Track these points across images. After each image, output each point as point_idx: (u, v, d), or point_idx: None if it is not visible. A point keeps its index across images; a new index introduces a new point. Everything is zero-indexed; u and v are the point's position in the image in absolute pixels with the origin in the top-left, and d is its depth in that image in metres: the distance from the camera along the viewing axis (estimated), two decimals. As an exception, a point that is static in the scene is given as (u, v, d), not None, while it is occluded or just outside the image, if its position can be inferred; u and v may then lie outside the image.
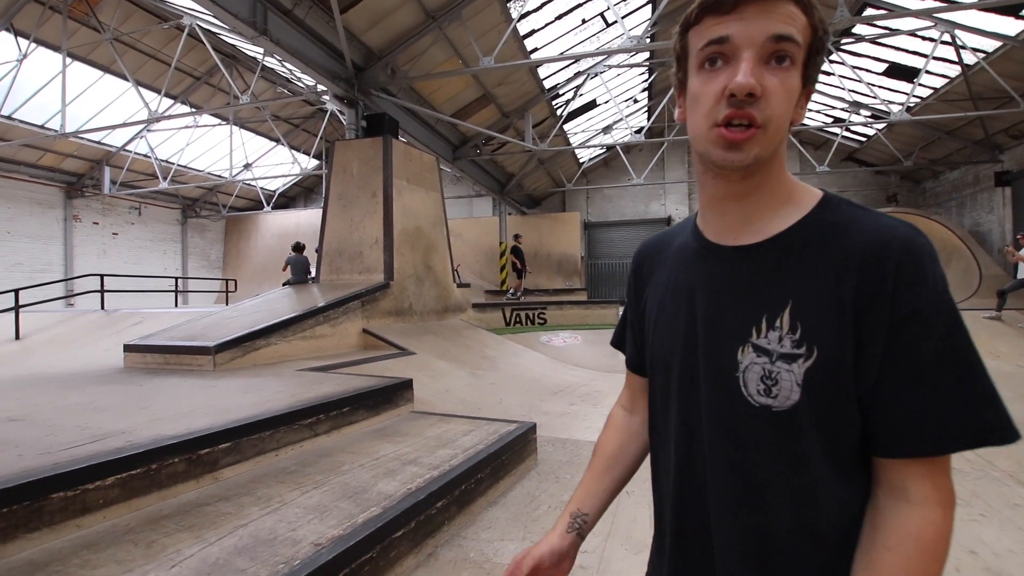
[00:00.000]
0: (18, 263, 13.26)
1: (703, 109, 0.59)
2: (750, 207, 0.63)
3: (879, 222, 0.57)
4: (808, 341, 0.56)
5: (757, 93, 0.55)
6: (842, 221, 0.59)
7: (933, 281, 0.55)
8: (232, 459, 2.34)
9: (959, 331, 0.55)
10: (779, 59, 0.57)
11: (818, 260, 0.58)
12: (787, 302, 0.58)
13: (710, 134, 0.59)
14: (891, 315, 0.54)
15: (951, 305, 0.55)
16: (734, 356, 0.61)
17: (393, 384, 3.54)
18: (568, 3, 9.81)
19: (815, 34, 0.59)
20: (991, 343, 6.70)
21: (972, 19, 8.70)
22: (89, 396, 3.16)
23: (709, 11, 0.58)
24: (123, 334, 6.86)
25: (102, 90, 11.85)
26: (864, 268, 0.55)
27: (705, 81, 0.59)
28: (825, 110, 14.64)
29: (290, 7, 6.69)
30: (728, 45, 0.57)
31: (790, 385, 0.57)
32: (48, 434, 2.25)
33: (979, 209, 13.14)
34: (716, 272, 0.65)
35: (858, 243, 0.57)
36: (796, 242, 0.60)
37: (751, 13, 0.56)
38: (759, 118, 0.56)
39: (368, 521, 1.87)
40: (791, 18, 0.56)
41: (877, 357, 0.55)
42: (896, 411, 0.55)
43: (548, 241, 17.25)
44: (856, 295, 0.55)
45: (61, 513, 1.74)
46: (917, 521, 0.54)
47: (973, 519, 2.37)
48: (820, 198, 0.63)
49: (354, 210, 7.09)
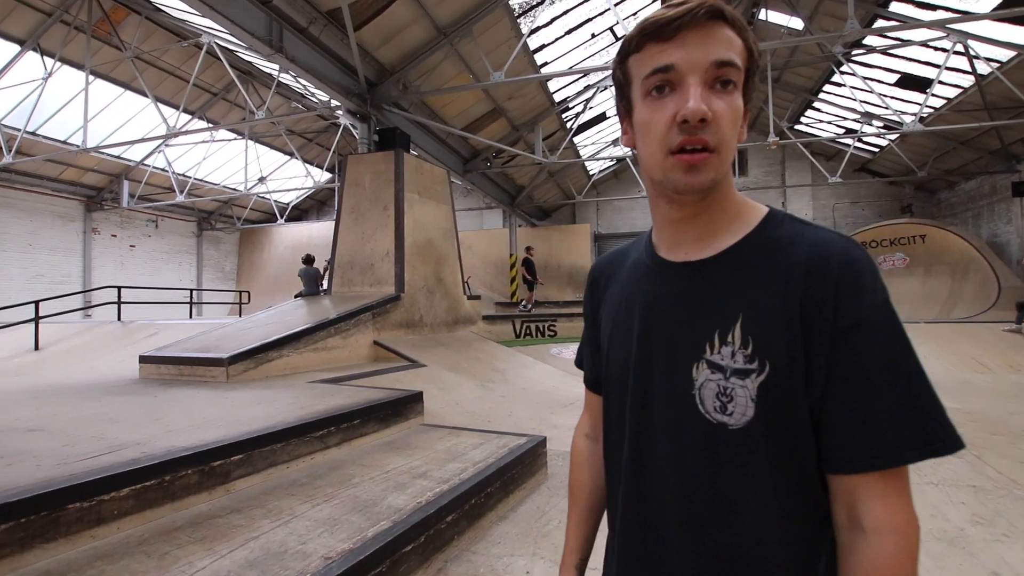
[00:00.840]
0: (39, 274, 13.55)
1: (655, 137, 0.60)
2: (702, 226, 0.64)
3: (820, 236, 0.59)
4: (760, 355, 0.57)
5: (709, 119, 0.56)
6: (786, 236, 0.61)
7: (872, 292, 0.56)
8: (244, 471, 2.35)
9: (901, 341, 0.55)
10: (723, 83, 0.58)
11: (765, 274, 0.59)
12: (737, 316, 0.59)
13: (667, 162, 0.59)
14: (834, 325, 0.55)
15: (892, 315, 0.56)
16: (689, 373, 0.60)
17: (403, 397, 3.54)
18: (578, 18, 9.93)
19: (751, 57, 0.60)
20: (1011, 357, 6.56)
21: (985, 29, 8.65)
22: (105, 407, 3.21)
23: (650, 39, 0.59)
24: (138, 345, 6.97)
25: (122, 106, 12.17)
26: (808, 280, 0.56)
27: (654, 109, 0.60)
28: (837, 121, 14.57)
29: (305, 25, 6.85)
30: (673, 73, 0.58)
31: (745, 401, 0.57)
32: (65, 444, 2.29)
33: (997, 220, 12.94)
34: (669, 288, 0.65)
35: (801, 257, 0.58)
36: (743, 257, 0.61)
37: (692, 40, 0.57)
38: (712, 142, 0.57)
39: (378, 535, 1.87)
40: (730, 43, 0.58)
41: (823, 368, 0.55)
42: (842, 423, 0.54)
43: (558, 253, 17.26)
44: (802, 308, 0.56)
45: (77, 524, 1.76)
46: (872, 557, 0.52)
47: (996, 539, 2.31)
48: (765, 214, 0.65)
49: (366, 223, 7.17)
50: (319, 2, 6.88)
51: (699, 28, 0.57)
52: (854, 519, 0.55)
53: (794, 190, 16.94)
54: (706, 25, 0.57)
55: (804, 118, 15.28)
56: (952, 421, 0.54)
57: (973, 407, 4.82)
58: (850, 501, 0.55)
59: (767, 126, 11.19)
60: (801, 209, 17.02)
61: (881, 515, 0.53)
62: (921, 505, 2.70)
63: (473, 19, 8.16)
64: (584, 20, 10.06)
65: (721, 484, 0.59)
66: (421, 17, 7.79)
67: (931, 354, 6.84)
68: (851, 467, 0.54)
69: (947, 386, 5.78)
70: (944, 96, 11.04)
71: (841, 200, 16.83)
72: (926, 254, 12.76)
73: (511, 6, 8.50)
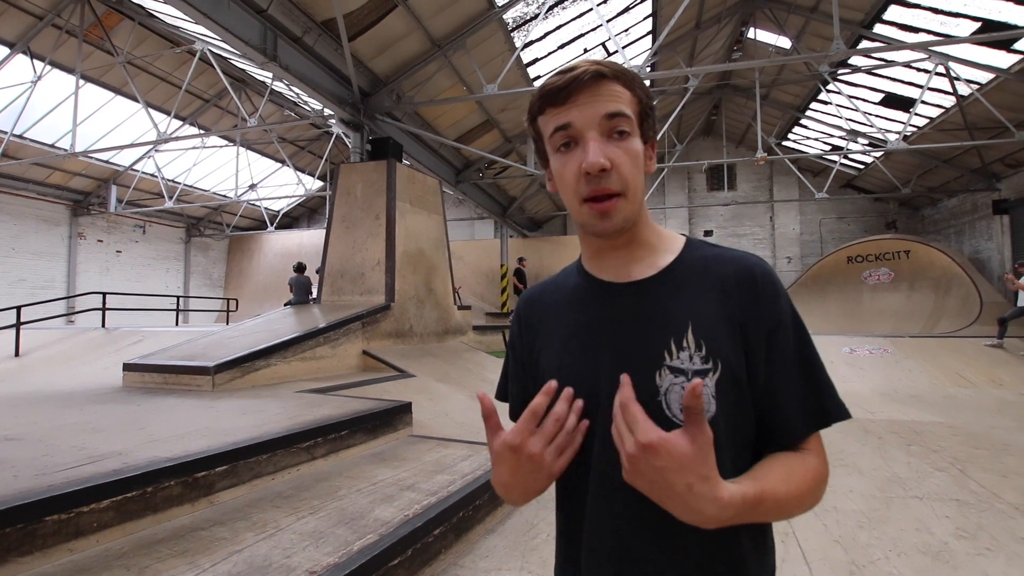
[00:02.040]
0: (21, 279, 13.30)
1: (568, 188, 0.68)
2: (631, 252, 0.73)
3: (737, 254, 0.71)
4: (713, 355, 0.64)
5: (608, 168, 0.64)
6: (710, 255, 0.72)
7: (785, 296, 0.69)
8: (228, 482, 2.32)
9: (807, 334, 0.69)
10: (619, 133, 0.66)
11: (702, 287, 0.69)
12: (687, 324, 0.66)
13: (582, 209, 0.68)
14: (767, 326, 0.66)
15: (797, 314, 0.69)
16: (653, 381, 0.65)
17: (392, 407, 3.52)
18: (570, 33, 10.06)
19: (641, 103, 0.68)
20: (993, 371, 6.67)
21: (966, 52, 8.90)
22: (87, 415, 3.15)
23: (548, 104, 0.68)
24: (123, 352, 6.86)
25: (113, 111, 12.07)
26: (739, 289, 0.67)
27: (563, 163, 0.68)
28: (824, 138, 14.86)
29: (300, 34, 6.87)
30: (572, 130, 0.66)
31: (707, 399, 0.63)
32: (44, 454, 2.24)
33: (978, 236, 13.21)
34: (617, 306, 0.71)
35: (730, 271, 0.69)
36: (680, 274, 0.70)
37: (583, 100, 0.65)
38: (617, 187, 0.65)
39: (364, 549, 1.84)
40: (618, 96, 0.66)
41: (762, 363, 0.66)
42: (783, 406, 0.66)
43: (549, 264, 17.31)
44: (740, 312, 0.66)
45: (54, 536, 1.72)
46: (805, 458, 0.65)
47: (979, 553, 2.33)
48: (685, 240, 0.75)
49: (357, 232, 7.15)
50: (314, 12, 6.91)
51: (587, 90, 0.65)
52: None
53: (781, 205, 17.17)
54: (592, 86, 0.65)
55: (791, 135, 15.55)
56: (840, 396, 0.68)
57: (956, 421, 4.88)
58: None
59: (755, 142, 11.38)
60: (788, 223, 17.25)
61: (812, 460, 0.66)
62: (906, 519, 2.72)
63: (467, 32, 8.24)
64: (576, 35, 10.20)
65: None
66: (416, 29, 7.85)
67: (916, 368, 6.93)
68: (791, 441, 0.66)
69: (932, 400, 5.86)
70: (927, 115, 11.30)
71: (828, 215, 17.08)
72: (910, 269, 12.96)
73: (505, 20, 8.60)
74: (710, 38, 11.91)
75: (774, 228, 17.41)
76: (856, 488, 3.19)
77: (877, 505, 2.92)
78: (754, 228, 17.66)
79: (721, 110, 15.83)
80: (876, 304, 13.04)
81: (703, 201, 17.98)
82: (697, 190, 18.23)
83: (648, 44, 11.22)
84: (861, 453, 3.89)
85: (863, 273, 13.62)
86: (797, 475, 0.63)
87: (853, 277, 13.71)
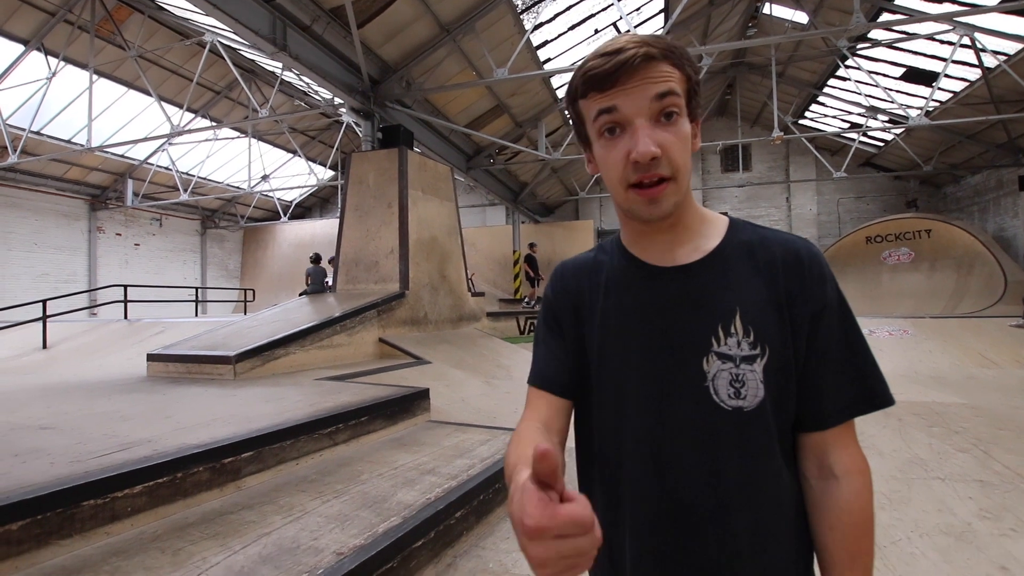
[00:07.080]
0: (44, 274, 13.62)
1: (614, 174, 0.65)
2: (676, 235, 0.70)
3: (785, 237, 0.70)
4: (760, 341, 0.64)
5: (658, 156, 0.61)
6: (755, 238, 0.70)
7: (832, 280, 0.67)
8: (254, 468, 2.37)
9: (854, 318, 0.68)
10: (667, 115, 0.62)
11: (749, 271, 0.67)
12: (735, 309, 0.65)
13: (628, 195, 0.65)
14: (812, 309, 0.65)
15: (844, 298, 0.68)
16: (700, 367, 0.65)
17: (410, 393, 3.56)
18: (581, 14, 9.88)
19: (689, 81, 0.65)
20: (1018, 352, 6.53)
21: (992, 22, 8.57)
22: (115, 405, 3.24)
23: (591, 88, 0.64)
24: (145, 343, 7.01)
25: (126, 105, 12.19)
26: (786, 272, 0.66)
27: (608, 148, 0.65)
28: (842, 115, 14.50)
29: (308, 23, 6.84)
30: (618, 114, 0.63)
31: (755, 384, 0.63)
32: (77, 442, 2.31)
33: (1003, 214, 12.86)
34: (663, 291, 0.69)
35: (776, 254, 0.67)
36: (727, 258, 0.69)
37: (631, 84, 0.61)
38: (667, 173, 0.63)
39: (388, 531, 1.88)
40: (668, 76, 0.62)
41: (804, 345, 0.65)
42: (819, 390, 0.65)
43: (562, 249, 17.24)
44: (786, 296, 0.66)
45: (92, 520, 1.78)
46: (846, 495, 0.64)
47: (1003, 533, 2.31)
48: (729, 221, 0.73)
49: (370, 220, 7.18)
50: (322, 0, 6.88)
51: (636, 74, 0.61)
52: (824, 468, 0.66)
53: (798, 185, 16.84)
54: (642, 69, 0.61)
55: (808, 113, 15.19)
56: (887, 380, 0.67)
57: (979, 402, 4.80)
58: (820, 454, 0.66)
59: (771, 121, 11.13)
60: (805, 204, 16.93)
61: (847, 461, 0.65)
62: (928, 500, 2.70)
63: (476, 16, 8.13)
64: (587, 16, 10.02)
65: (744, 466, 0.64)
66: (424, 14, 7.77)
67: (937, 349, 6.81)
68: (824, 424, 0.65)
69: (954, 381, 5.77)
70: (950, 90, 10.96)
71: (846, 195, 16.73)
72: (931, 249, 12.67)
73: (514, 3, 8.46)
74: (724, 14, 11.62)
75: (790, 209, 17.10)
76: (877, 469, 3.13)
77: (898, 486, 2.90)
78: (770, 209, 17.36)
79: (736, 89, 15.50)
80: (896, 285, 12.80)
81: (717, 183, 17.69)
82: (711, 171, 17.93)
83: (660, 23, 10.99)
84: (881, 435, 3.86)
85: (883, 253, 13.36)
86: (850, 537, 0.64)
87: (872, 258, 13.45)
